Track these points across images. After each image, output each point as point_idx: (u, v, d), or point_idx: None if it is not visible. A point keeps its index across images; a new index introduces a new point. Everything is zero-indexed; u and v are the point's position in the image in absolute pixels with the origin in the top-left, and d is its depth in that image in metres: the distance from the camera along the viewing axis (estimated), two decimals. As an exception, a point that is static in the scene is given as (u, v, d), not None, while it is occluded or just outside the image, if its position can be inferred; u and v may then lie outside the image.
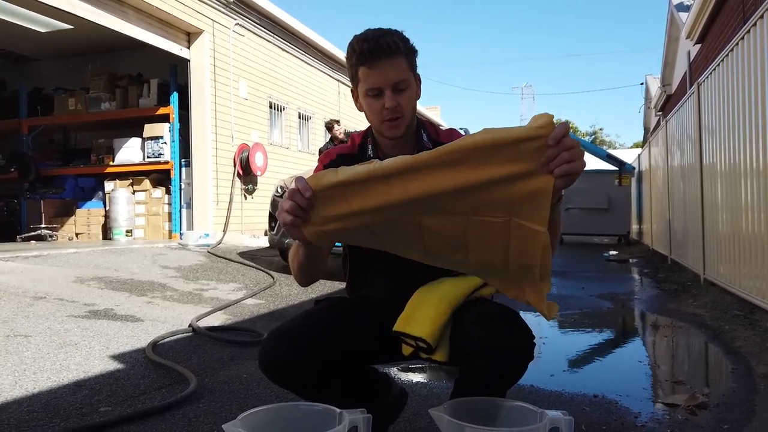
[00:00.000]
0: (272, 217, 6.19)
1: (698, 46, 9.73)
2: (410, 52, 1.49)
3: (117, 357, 2.79)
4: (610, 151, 14.73)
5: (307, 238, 1.20)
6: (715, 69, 4.73)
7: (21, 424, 1.95)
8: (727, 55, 4.31)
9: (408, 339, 1.37)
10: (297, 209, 1.16)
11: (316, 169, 1.59)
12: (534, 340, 1.31)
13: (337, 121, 7.71)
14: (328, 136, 7.81)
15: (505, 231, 1.15)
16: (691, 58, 10.66)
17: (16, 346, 2.83)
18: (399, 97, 1.44)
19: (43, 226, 8.38)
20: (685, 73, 11.23)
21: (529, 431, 1.06)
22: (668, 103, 14.12)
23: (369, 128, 1.57)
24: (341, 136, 7.29)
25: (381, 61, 1.42)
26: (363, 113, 1.52)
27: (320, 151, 8.19)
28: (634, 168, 12.01)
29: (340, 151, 1.60)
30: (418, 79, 1.53)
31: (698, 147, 5.42)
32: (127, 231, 8.32)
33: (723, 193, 4.65)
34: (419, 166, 1.11)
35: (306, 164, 10.55)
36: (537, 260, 1.19)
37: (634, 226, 12.42)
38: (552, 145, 1.05)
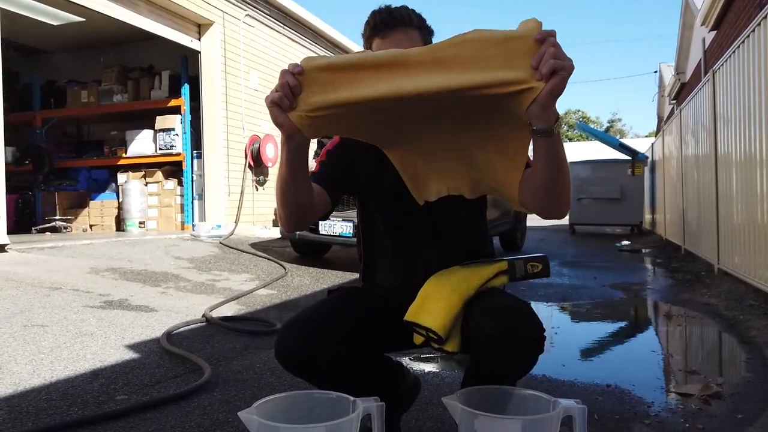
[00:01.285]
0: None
1: (713, 32, 9.58)
2: (424, 28, 1.49)
3: (132, 346, 2.82)
4: (623, 140, 14.60)
5: (292, 122, 1.16)
6: (730, 56, 4.66)
7: (40, 412, 1.99)
8: (743, 41, 4.24)
9: (419, 329, 1.37)
10: (285, 87, 1.12)
11: (321, 156, 1.59)
12: (544, 333, 1.30)
13: None
14: None
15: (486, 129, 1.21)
16: (706, 45, 10.51)
17: (34, 336, 2.88)
18: None
19: (57, 217, 8.46)
20: (700, 60, 11.08)
21: (542, 419, 1.06)
22: (682, 92, 13.94)
23: None
24: None
25: (393, 30, 1.44)
26: None
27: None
28: (647, 157, 11.90)
29: None
30: None
31: (713, 136, 5.35)
32: (140, 222, 8.38)
33: (738, 183, 4.59)
34: (409, 59, 1.11)
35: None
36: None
37: (647, 216, 12.32)
38: (539, 40, 1.04)
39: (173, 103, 8.32)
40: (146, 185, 8.49)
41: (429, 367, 2.59)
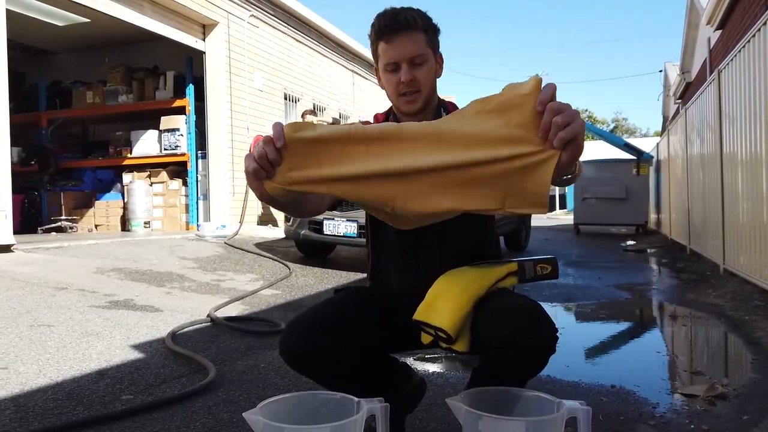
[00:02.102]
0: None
1: (718, 32, 9.54)
2: (430, 29, 1.49)
3: (137, 347, 2.83)
4: (629, 140, 14.54)
5: (267, 192, 1.10)
6: (735, 56, 4.64)
7: (46, 411, 2.00)
8: (749, 41, 4.23)
9: (428, 328, 1.36)
10: (264, 159, 1.07)
11: None
12: (557, 334, 1.29)
13: (312, 111, 7.74)
14: None
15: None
16: (711, 45, 10.46)
17: (40, 336, 2.89)
18: (416, 71, 1.45)
19: (63, 217, 8.50)
20: (705, 59, 11.03)
21: (546, 421, 1.06)
22: (687, 91, 13.89)
23: (391, 107, 1.58)
24: None
25: (398, 34, 1.44)
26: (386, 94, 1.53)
27: None
28: (652, 157, 11.86)
29: None
30: (439, 57, 1.52)
31: (718, 135, 5.33)
32: (145, 222, 8.41)
33: (744, 182, 4.58)
34: (403, 134, 1.03)
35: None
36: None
37: (652, 216, 12.28)
38: (540, 111, 0.99)
39: (178, 103, 8.35)
40: (151, 185, 8.52)
41: (433, 368, 2.59)
